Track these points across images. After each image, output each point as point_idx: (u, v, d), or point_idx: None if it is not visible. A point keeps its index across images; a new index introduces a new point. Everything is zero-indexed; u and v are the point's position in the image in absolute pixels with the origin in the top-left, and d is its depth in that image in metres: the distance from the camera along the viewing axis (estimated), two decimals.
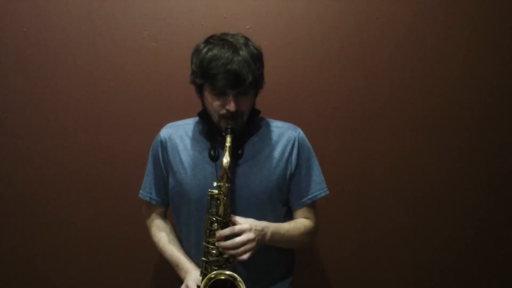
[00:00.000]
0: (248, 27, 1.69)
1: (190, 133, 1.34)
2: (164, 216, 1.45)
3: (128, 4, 1.67)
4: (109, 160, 1.73)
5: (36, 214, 1.74)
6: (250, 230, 1.16)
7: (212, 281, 1.16)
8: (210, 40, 1.23)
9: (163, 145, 1.34)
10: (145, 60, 1.69)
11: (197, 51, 1.23)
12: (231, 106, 1.19)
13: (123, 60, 1.68)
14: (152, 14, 1.67)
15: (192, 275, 1.25)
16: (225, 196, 1.16)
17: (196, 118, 1.36)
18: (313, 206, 1.39)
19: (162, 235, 1.39)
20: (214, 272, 1.16)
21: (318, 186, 1.36)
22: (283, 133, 1.34)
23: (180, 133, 1.35)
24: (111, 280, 1.78)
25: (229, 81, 1.16)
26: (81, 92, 1.69)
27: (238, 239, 1.14)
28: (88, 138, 1.71)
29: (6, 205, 1.73)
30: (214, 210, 1.19)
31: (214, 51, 1.18)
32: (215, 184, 1.17)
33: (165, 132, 1.36)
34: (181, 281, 1.29)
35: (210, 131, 1.29)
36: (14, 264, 1.75)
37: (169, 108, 1.69)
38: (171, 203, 1.38)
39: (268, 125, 1.36)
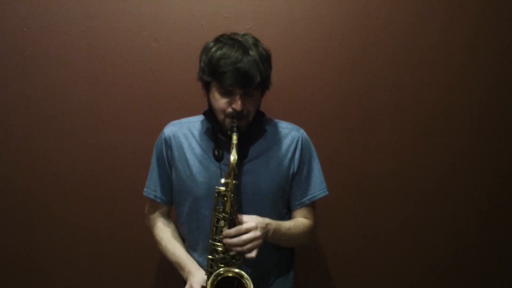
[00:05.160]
0: (248, 27, 1.69)
1: (194, 131, 1.34)
2: (168, 216, 1.44)
3: (128, 4, 1.66)
4: (109, 160, 1.72)
5: (36, 214, 1.73)
6: (256, 228, 1.16)
7: (219, 277, 1.16)
8: (220, 39, 1.23)
9: (167, 143, 1.34)
10: (145, 60, 1.69)
11: (206, 49, 1.23)
12: (238, 105, 1.19)
13: (123, 60, 1.68)
14: (152, 14, 1.67)
15: (195, 275, 1.25)
16: (232, 193, 1.16)
17: (201, 116, 1.35)
18: (313, 206, 1.40)
19: (165, 234, 1.38)
20: (222, 269, 1.16)
21: (318, 187, 1.37)
22: (287, 134, 1.35)
23: (184, 131, 1.34)
24: (113, 281, 1.78)
25: (237, 80, 1.16)
26: (81, 92, 1.69)
27: (245, 237, 1.15)
28: (88, 138, 1.71)
29: (6, 205, 1.73)
30: (220, 207, 1.19)
31: (224, 50, 1.18)
32: (222, 181, 1.17)
33: (170, 129, 1.35)
34: (184, 282, 1.28)
35: (214, 131, 1.29)
36: (14, 264, 1.75)
37: (169, 108, 1.69)
38: (174, 201, 1.38)
39: (273, 126, 1.37)
